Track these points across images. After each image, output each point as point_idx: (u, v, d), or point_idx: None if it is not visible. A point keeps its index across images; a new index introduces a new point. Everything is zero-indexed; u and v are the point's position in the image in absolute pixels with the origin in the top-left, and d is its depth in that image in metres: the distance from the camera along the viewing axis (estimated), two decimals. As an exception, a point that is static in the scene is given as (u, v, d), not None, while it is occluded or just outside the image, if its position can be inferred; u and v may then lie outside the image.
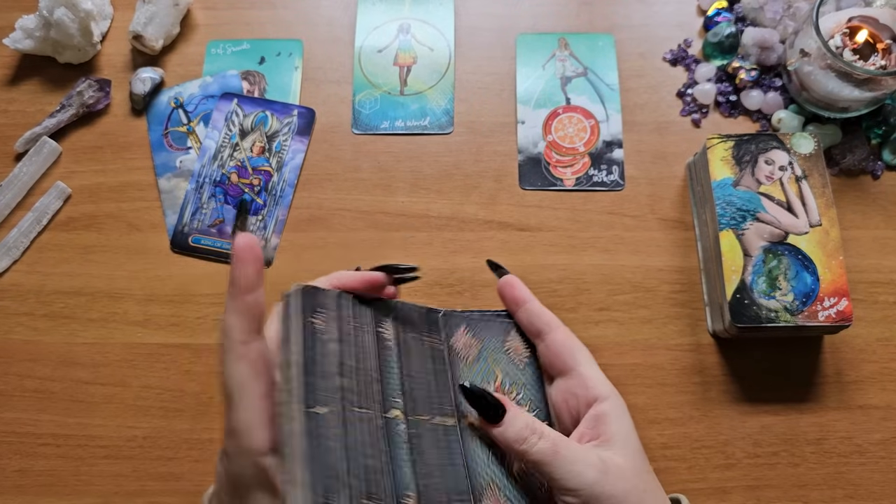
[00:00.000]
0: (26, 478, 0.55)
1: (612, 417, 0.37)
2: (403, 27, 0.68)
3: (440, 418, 0.37)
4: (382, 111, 0.65)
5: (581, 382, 0.39)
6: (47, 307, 0.59)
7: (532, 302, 0.42)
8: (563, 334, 0.40)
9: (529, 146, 0.63)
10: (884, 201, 0.60)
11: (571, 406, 0.39)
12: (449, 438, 0.37)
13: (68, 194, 0.63)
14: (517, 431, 0.36)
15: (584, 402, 0.38)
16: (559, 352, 0.40)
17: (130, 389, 0.57)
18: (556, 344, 0.40)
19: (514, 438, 0.36)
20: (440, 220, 0.61)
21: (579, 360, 0.39)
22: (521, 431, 0.36)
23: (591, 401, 0.38)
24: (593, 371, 0.39)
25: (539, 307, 0.41)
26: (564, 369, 0.40)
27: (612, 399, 0.38)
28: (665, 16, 0.67)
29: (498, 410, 0.37)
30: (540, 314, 0.41)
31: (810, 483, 0.53)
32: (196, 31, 0.68)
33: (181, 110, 0.65)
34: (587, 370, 0.39)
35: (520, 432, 0.36)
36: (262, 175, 0.63)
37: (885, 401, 0.55)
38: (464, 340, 0.40)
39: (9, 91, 0.67)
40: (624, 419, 0.38)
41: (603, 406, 0.38)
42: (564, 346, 0.40)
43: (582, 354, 0.40)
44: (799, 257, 0.53)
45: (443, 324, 0.41)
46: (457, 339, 0.40)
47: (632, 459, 0.36)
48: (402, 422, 0.36)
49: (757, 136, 0.56)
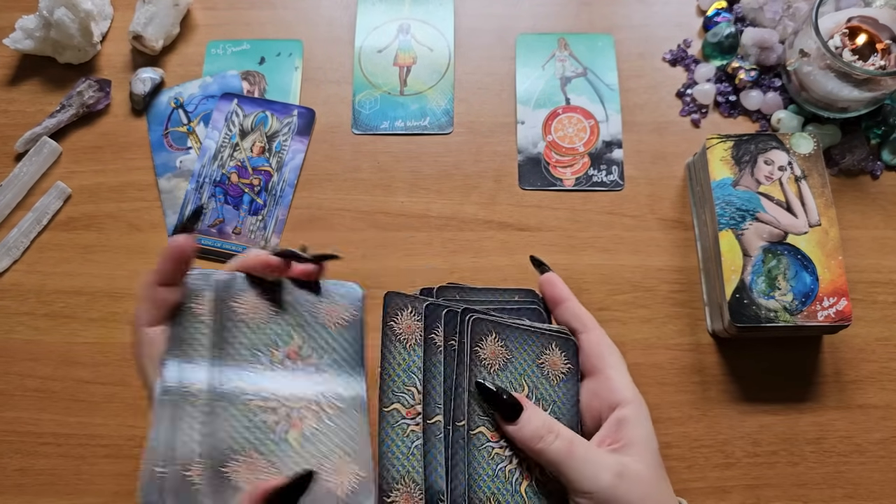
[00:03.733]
0: (27, 477, 0.55)
1: (634, 423, 0.37)
2: (403, 27, 0.68)
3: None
4: (382, 111, 0.65)
5: (607, 385, 0.39)
6: (48, 307, 0.59)
7: (571, 300, 0.42)
8: (597, 336, 0.40)
9: (529, 146, 0.63)
10: (883, 201, 0.60)
11: (594, 407, 0.39)
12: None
13: (68, 194, 0.63)
14: (534, 430, 0.36)
15: (607, 404, 0.38)
16: (590, 352, 0.40)
17: (131, 389, 0.57)
18: (588, 344, 0.40)
19: (529, 437, 0.36)
20: (440, 220, 0.61)
21: (609, 363, 0.39)
22: (538, 430, 0.36)
23: (614, 404, 0.38)
24: (620, 375, 0.39)
25: (577, 306, 0.41)
26: (592, 370, 0.40)
27: (634, 404, 0.38)
28: (665, 16, 0.67)
29: (514, 408, 0.37)
30: (577, 313, 0.41)
31: (810, 482, 0.53)
32: (196, 32, 0.68)
33: (181, 110, 0.65)
34: (614, 373, 0.39)
35: (536, 430, 0.36)
36: (262, 175, 0.63)
37: (884, 400, 0.55)
38: (492, 349, 0.39)
39: (9, 91, 0.67)
40: (645, 425, 0.38)
41: (625, 411, 0.38)
42: (596, 348, 0.40)
43: (612, 357, 0.40)
44: (798, 257, 0.53)
45: (468, 327, 0.39)
46: (483, 346, 0.39)
47: (649, 466, 0.36)
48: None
49: (756, 137, 0.56)
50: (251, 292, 0.36)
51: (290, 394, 0.34)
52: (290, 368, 0.35)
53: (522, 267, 0.59)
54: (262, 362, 0.35)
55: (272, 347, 0.35)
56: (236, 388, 0.34)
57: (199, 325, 0.34)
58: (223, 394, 0.33)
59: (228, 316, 0.35)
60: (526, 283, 0.59)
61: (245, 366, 0.34)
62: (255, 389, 0.34)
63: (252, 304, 0.36)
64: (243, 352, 0.34)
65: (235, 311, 0.35)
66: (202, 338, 0.34)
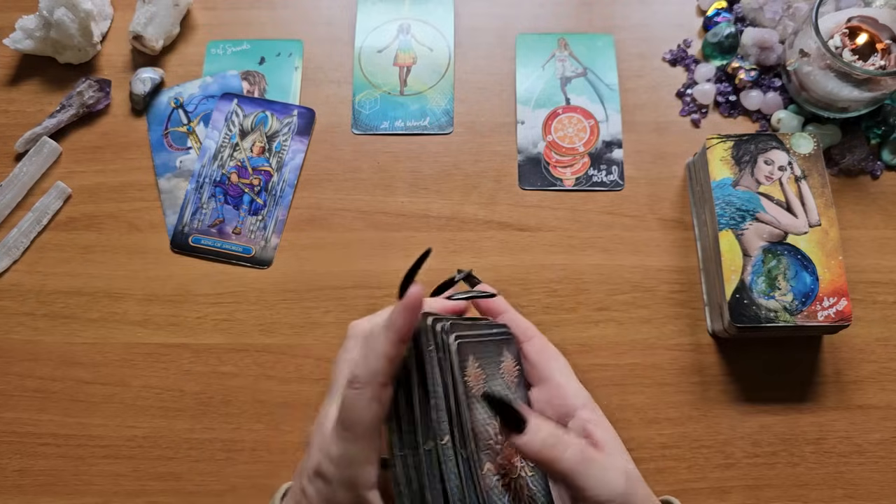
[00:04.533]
0: (26, 477, 0.55)
1: (597, 424, 0.37)
2: (403, 27, 0.68)
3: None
4: (382, 111, 0.65)
5: (558, 392, 0.39)
6: (47, 307, 0.59)
7: (509, 311, 0.41)
8: (540, 343, 0.40)
9: (529, 146, 0.63)
10: (883, 201, 0.60)
11: (549, 416, 0.39)
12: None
13: (68, 194, 0.63)
14: (542, 440, 0.35)
15: (563, 411, 0.38)
16: (535, 361, 0.40)
17: (130, 389, 0.57)
18: (532, 353, 0.40)
19: (539, 448, 0.34)
20: (440, 221, 0.61)
21: (555, 369, 0.39)
22: (547, 439, 0.35)
23: (571, 410, 0.38)
24: (569, 380, 0.39)
25: (515, 316, 0.41)
26: (540, 379, 0.40)
27: (590, 407, 0.38)
28: (665, 16, 0.67)
29: (520, 419, 0.36)
30: (517, 323, 0.41)
31: (810, 483, 0.53)
32: (196, 32, 0.68)
33: (181, 110, 0.65)
34: (563, 380, 0.39)
35: (545, 440, 0.35)
36: (262, 175, 0.63)
37: (884, 401, 0.55)
38: (474, 374, 0.38)
39: (9, 91, 0.67)
40: (607, 425, 0.38)
41: (584, 414, 0.38)
42: (540, 355, 0.40)
43: (558, 363, 0.40)
44: (798, 257, 0.53)
45: (455, 350, 0.38)
46: (468, 373, 0.38)
47: (629, 462, 0.36)
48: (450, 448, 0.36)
49: (756, 137, 0.56)
50: (469, 360, 0.36)
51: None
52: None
53: (522, 267, 0.59)
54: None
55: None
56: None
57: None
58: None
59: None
60: (525, 284, 0.59)
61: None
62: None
63: (475, 374, 0.37)
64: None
65: (467, 382, 0.35)
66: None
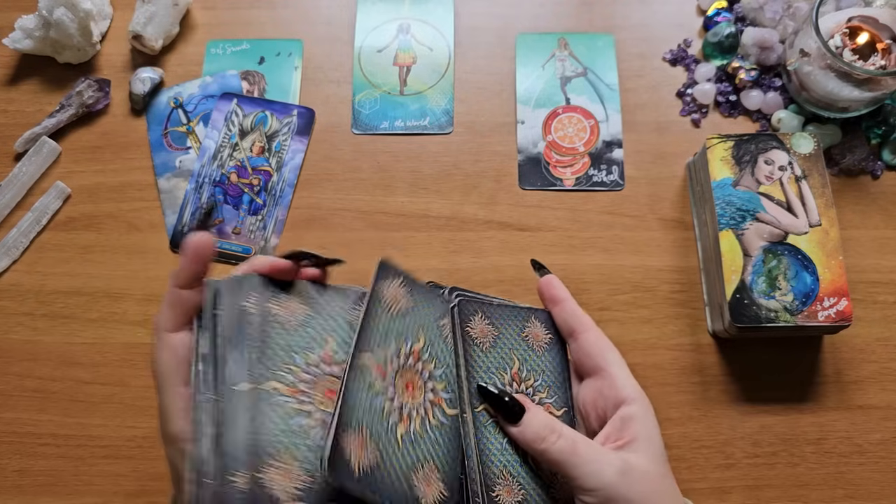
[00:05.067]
0: (26, 478, 0.55)
1: (638, 420, 0.37)
2: (403, 27, 0.68)
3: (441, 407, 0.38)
4: (382, 111, 0.65)
5: (610, 383, 0.39)
6: (47, 307, 0.59)
7: (568, 301, 0.42)
8: (595, 335, 0.41)
9: (529, 146, 0.63)
10: (883, 201, 0.60)
11: (599, 406, 0.39)
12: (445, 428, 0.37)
13: (68, 194, 0.63)
14: (535, 431, 0.36)
15: (611, 402, 0.38)
16: (590, 352, 0.40)
17: (130, 389, 0.57)
18: (588, 344, 0.40)
19: (532, 438, 0.36)
20: (440, 220, 0.61)
21: (610, 361, 0.39)
22: (540, 431, 0.36)
23: (618, 402, 0.38)
24: (623, 372, 0.39)
25: (575, 307, 0.42)
26: (594, 370, 0.40)
27: (639, 402, 0.38)
28: (665, 16, 0.67)
29: (516, 410, 0.37)
30: (575, 314, 0.41)
31: (810, 483, 0.53)
32: (196, 31, 0.68)
33: (181, 110, 0.65)
34: (617, 371, 0.39)
35: (538, 432, 0.36)
36: (262, 175, 0.63)
37: (884, 401, 0.55)
38: (480, 328, 0.40)
39: (8, 91, 0.67)
40: (649, 422, 0.38)
41: (630, 408, 0.38)
42: (595, 347, 0.40)
43: (612, 355, 0.40)
44: (798, 257, 0.53)
45: (455, 310, 0.40)
46: (472, 326, 0.40)
47: (654, 463, 0.36)
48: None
49: (757, 136, 0.56)
50: (283, 295, 0.36)
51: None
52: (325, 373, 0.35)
53: (522, 267, 0.59)
54: (298, 364, 0.35)
55: (308, 351, 0.35)
56: (273, 389, 0.33)
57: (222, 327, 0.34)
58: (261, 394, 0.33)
59: (265, 318, 0.35)
60: (525, 284, 0.59)
61: (282, 367, 0.34)
62: (290, 392, 0.34)
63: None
64: (280, 353, 0.34)
65: (271, 311, 0.35)
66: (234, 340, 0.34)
